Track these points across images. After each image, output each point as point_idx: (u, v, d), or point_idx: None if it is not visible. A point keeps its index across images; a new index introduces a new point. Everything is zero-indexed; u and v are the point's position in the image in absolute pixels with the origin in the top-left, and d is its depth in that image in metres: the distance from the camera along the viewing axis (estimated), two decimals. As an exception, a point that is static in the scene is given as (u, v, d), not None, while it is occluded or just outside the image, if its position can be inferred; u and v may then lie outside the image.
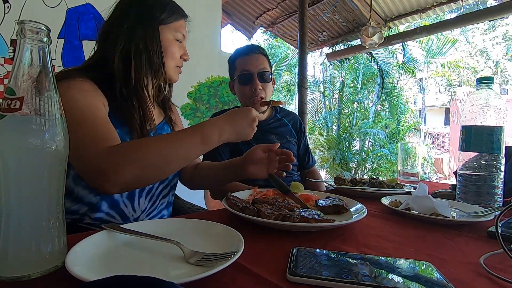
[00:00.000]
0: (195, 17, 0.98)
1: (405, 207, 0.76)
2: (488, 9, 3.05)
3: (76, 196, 0.74)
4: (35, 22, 0.38)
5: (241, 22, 4.55)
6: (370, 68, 7.61)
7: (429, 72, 12.00)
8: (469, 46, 15.19)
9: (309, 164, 1.47)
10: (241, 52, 1.32)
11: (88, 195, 0.74)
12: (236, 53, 1.35)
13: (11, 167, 0.37)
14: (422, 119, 12.47)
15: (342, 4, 3.86)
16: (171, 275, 0.40)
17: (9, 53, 1.88)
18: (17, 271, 0.37)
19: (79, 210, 0.74)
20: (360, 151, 7.50)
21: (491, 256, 0.49)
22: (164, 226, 0.56)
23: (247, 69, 1.27)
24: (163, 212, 0.91)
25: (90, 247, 0.45)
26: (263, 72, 1.28)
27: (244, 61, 1.29)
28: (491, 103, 0.80)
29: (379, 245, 0.55)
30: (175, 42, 0.86)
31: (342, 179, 1.08)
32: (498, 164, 0.79)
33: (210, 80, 2.95)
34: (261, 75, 1.27)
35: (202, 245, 0.49)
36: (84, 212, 0.75)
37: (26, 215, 0.38)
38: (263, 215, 0.59)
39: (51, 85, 0.39)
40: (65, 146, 0.41)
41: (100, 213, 0.75)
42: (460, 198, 0.85)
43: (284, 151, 0.92)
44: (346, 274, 0.39)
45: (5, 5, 1.86)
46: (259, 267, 0.43)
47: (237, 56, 1.33)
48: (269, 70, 1.31)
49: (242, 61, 1.30)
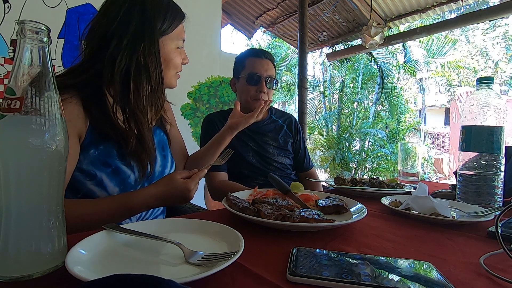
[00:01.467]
0: (195, 17, 0.97)
1: (405, 207, 0.76)
2: (488, 9, 3.05)
3: None
4: (35, 22, 0.38)
5: (241, 22, 4.55)
6: (370, 68, 7.61)
7: (429, 72, 12.00)
8: (470, 46, 15.19)
9: (307, 166, 1.47)
10: (253, 53, 1.35)
11: None
12: (248, 53, 1.37)
13: (11, 167, 0.37)
14: (422, 119, 12.46)
15: (342, 4, 3.86)
16: (171, 275, 0.40)
17: (9, 53, 1.88)
18: (17, 271, 0.37)
19: None
20: (360, 151, 7.50)
21: (491, 256, 0.49)
22: (164, 226, 0.56)
23: (257, 71, 1.30)
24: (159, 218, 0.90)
25: (90, 247, 0.45)
26: (271, 77, 1.32)
27: (255, 62, 1.32)
28: (491, 103, 0.80)
29: (379, 245, 0.55)
30: (177, 50, 0.83)
31: (342, 179, 1.08)
32: (498, 164, 0.79)
33: (210, 80, 2.95)
34: (269, 80, 1.31)
35: (202, 245, 0.49)
36: None
37: (26, 215, 0.38)
38: (263, 215, 0.59)
39: (51, 85, 0.39)
40: (65, 146, 0.41)
41: None
42: (460, 198, 0.85)
43: None
44: (346, 274, 0.39)
45: (5, 5, 1.86)
46: (259, 267, 0.43)
47: (248, 56, 1.35)
48: (275, 78, 1.36)
49: (253, 62, 1.32)
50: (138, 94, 0.76)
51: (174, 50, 0.82)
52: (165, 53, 0.80)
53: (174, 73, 0.85)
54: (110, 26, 0.73)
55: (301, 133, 1.51)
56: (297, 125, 1.49)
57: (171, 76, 0.84)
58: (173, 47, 0.81)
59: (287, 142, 1.41)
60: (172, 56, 0.81)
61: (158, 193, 0.70)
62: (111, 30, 0.73)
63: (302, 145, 1.48)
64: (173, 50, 0.81)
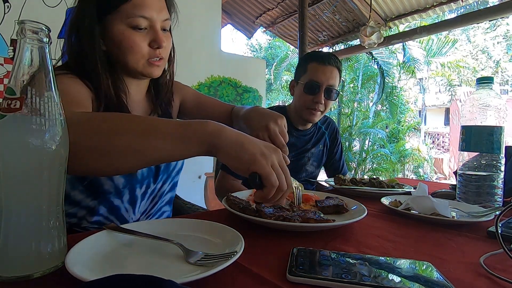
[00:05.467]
0: (195, 17, 0.96)
1: (405, 207, 0.76)
2: (488, 9, 3.05)
3: (73, 200, 0.72)
4: (35, 22, 0.38)
5: (241, 22, 4.55)
6: (370, 68, 7.61)
7: (429, 72, 12.00)
8: (470, 45, 15.18)
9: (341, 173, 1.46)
10: (318, 58, 1.24)
11: (85, 200, 0.73)
12: (312, 56, 1.27)
13: (11, 167, 0.37)
14: (422, 119, 12.47)
15: (342, 4, 3.86)
16: (171, 275, 0.40)
17: (9, 53, 1.88)
18: (17, 271, 0.37)
19: (77, 214, 0.73)
20: (360, 151, 7.50)
21: (491, 256, 0.49)
22: (164, 226, 0.56)
23: (317, 80, 1.21)
24: (164, 209, 0.88)
25: (90, 247, 0.45)
26: (331, 88, 1.23)
27: (317, 69, 1.22)
28: (491, 103, 0.80)
29: (379, 245, 0.55)
30: (131, 32, 0.68)
31: (342, 179, 1.08)
32: (498, 164, 0.79)
33: (210, 80, 2.95)
34: (328, 91, 1.22)
35: (202, 245, 0.49)
36: (83, 215, 0.73)
37: (26, 215, 0.38)
38: (264, 215, 0.59)
39: (51, 85, 0.39)
40: (65, 146, 0.41)
41: (98, 216, 0.74)
42: (460, 198, 0.85)
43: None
44: (346, 274, 0.39)
45: (5, 5, 1.86)
46: (259, 267, 0.43)
47: (312, 60, 1.25)
48: (336, 88, 1.26)
49: (315, 68, 1.23)
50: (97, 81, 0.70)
51: (125, 30, 0.68)
52: (113, 35, 0.69)
53: (141, 59, 0.71)
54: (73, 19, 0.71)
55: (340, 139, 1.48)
56: (337, 132, 1.46)
57: (135, 61, 0.71)
58: (121, 28, 0.68)
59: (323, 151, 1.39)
60: (122, 37, 0.68)
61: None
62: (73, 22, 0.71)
63: (339, 151, 1.46)
64: (121, 31, 0.68)
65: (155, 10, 0.70)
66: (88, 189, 0.72)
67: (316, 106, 1.23)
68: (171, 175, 0.85)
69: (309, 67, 1.25)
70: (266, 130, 0.72)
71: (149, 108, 0.85)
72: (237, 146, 0.51)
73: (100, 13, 0.68)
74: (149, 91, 0.86)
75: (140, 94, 0.83)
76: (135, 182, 0.76)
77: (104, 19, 0.69)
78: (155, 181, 0.81)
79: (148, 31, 0.71)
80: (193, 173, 2.85)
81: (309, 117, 1.27)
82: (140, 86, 0.82)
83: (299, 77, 1.29)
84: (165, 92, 0.86)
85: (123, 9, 0.67)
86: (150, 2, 0.69)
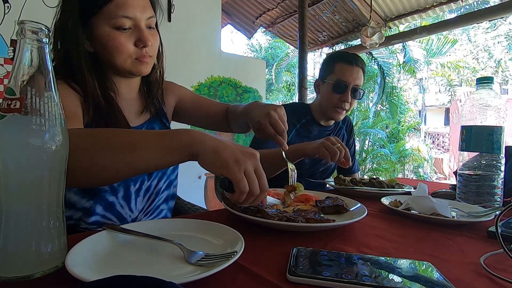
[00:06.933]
0: (195, 17, 0.96)
1: (405, 207, 0.76)
2: (488, 9, 3.05)
3: (68, 202, 0.72)
4: (35, 22, 0.38)
5: (241, 22, 4.55)
6: (370, 68, 7.61)
7: (429, 72, 12.00)
8: (471, 45, 15.17)
9: (354, 170, 1.47)
10: (345, 59, 1.28)
11: (81, 200, 0.73)
12: (340, 57, 1.31)
13: (11, 167, 0.37)
14: (422, 119, 12.48)
15: (342, 4, 3.86)
16: (171, 275, 0.40)
17: (9, 53, 1.88)
18: (17, 271, 0.37)
19: (73, 216, 0.73)
20: (360, 151, 7.50)
21: (491, 256, 0.49)
22: (164, 226, 0.56)
23: (345, 80, 1.25)
24: (161, 207, 0.87)
25: (90, 247, 0.45)
26: (357, 88, 1.27)
27: (345, 69, 1.26)
28: (491, 103, 0.80)
29: (379, 245, 0.55)
30: (116, 33, 0.68)
31: (342, 179, 1.08)
32: (498, 164, 0.79)
33: (210, 80, 2.95)
34: (355, 90, 1.27)
35: (202, 245, 0.49)
36: (79, 217, 0.73)
37: (26, 215, 0.38)
38: (265, 216, 0.59)
39: (51, 85, 0.39)
40: (65, 146, 0.41)
41: (96, 216, 0.74)
42: (460, 198, 0.85)
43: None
44: (346, 274, 0.39)
45: (5, 5, 1.86)
46: (259, 267, 0.43)
47: (339, 61, 1.29)
48: (361, 88, 1.30)
49: (343, 68, 1.27)
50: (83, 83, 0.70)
51: (109, 31, 0.68)
52: (98, 37, 0.69)
53: (128, 59, 0.71)
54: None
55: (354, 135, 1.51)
56: (352, 127, 1.49)
57: (122, 61, 0.71)
58: (106, 29, 0.68)
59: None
60: (107, 38, 0.68)
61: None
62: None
63: (353, 148, 1.48)
64: (106, 32, 0.68)
65: (138, 9, 0.69)
66: (83, 189, 0.73)
67: (342, 105, 1.27)
68: (166, 173, 0.86)
69: (337, 67, 1.28)
70: (267, 116, 0.75)
71: (142, 106, 0.85)
72: (213, 152, 0.53)
73: (84, 16, 0.69)
74: (141, 89, 0.86)
75: (132, 92, 0.83)
76: (129, 180, 0.77)
77: (89, 21, 0.69)
78: (150, 178, 0.82)
79: (133, 30, 0.71)
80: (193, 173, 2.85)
81: (334, 115, 1.31)
82: (131, 85, 0.82)
83: (325, 76, 1.32)
84: (156, 89, 0.86)
85: (106, 10, 0.67)
86: (132, 1, 0.69)
